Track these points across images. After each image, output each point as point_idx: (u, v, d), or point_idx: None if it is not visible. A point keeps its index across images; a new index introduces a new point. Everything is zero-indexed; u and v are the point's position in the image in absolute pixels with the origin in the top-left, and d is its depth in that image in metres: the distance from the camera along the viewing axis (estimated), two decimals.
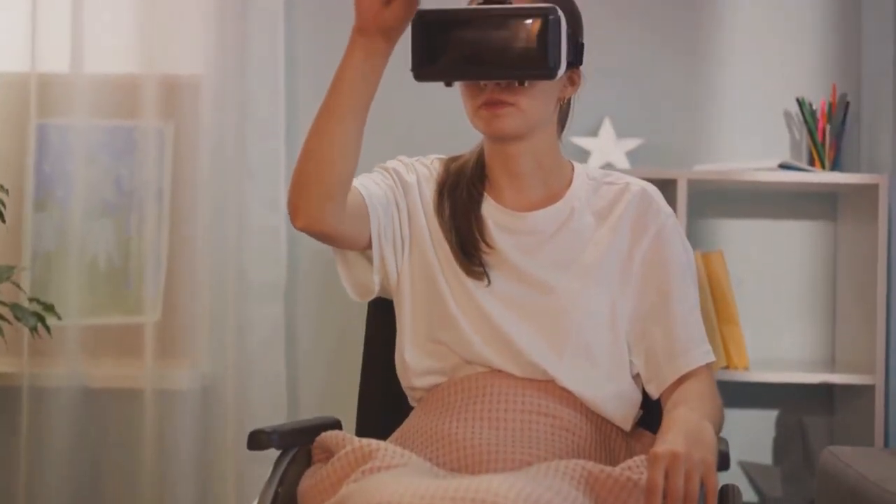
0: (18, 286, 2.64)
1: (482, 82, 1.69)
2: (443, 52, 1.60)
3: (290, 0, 2.98)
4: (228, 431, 2.87)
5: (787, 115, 2.95)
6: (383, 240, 1.79)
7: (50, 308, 2.57)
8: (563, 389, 1.74)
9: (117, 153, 2.99)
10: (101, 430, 2.95)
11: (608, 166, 2.83)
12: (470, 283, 1.78)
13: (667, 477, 1.43)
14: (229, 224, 2.90)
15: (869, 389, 2.65)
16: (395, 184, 1.83)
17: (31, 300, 2.59)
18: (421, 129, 2.87)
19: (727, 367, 2.71)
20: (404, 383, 1.85)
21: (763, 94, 2.95)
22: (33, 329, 2.52)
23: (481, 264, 1.78)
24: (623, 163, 2.83)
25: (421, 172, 1.87)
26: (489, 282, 1.78)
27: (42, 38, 2.95)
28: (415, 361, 1.81)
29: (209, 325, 2.91)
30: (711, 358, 1.80)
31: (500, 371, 1.75)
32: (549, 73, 1.61)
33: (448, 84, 1.67)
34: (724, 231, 2.96)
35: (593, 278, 1.78)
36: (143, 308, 2.93)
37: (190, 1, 2.95)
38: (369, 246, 1.78)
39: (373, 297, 1.85)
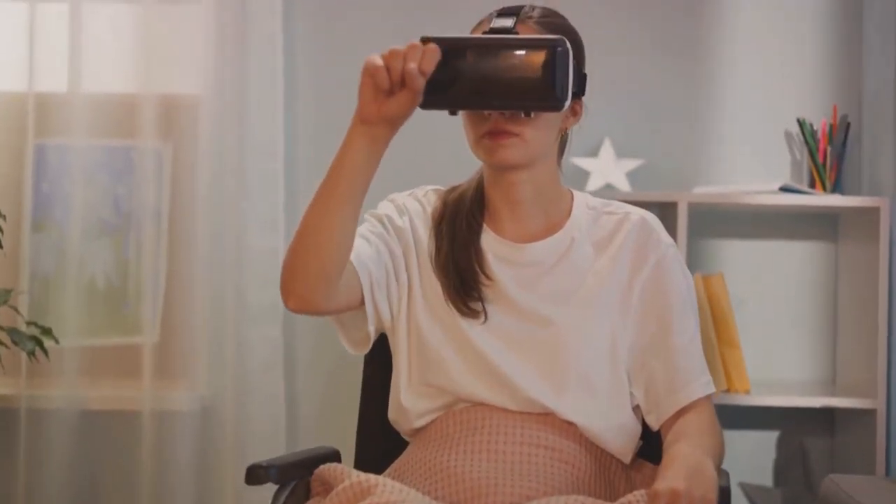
0: (16, 310, 2.63)
1: (486, 112, 1.68)
2: (449, 80, 1.58)
3: (288, 22, 2.96)
4: (227, 453, 2.86)
5: (788, 135, 2.94)
6: (377, 295, 1.77)
7: (48, 332, 2.56)
8: (563, 421, 1.73)
9: (115, 173, 2.98)
10: (99, 452, 2.94)
11: (608, 187, 2.82)
12: (464, 321, 1.77)
13: None
14: (228, 245, 2.89)
15: (870, 413, 2.64)
16: (386, 231, 1.82)
17: (28, 324, 2.58)
18: (421, 155, 2.86)
19: (728, 391, 2.70)
20: (404, 427, 1.84)
21: (764, 114, 2.94)
22: (31, 354, 2.51)
23: (480, 298, 1.77)
24: (623, 183, 2.82)
25: (413, 210, 1.86)
26: (486, 318, 1.76)
27: (40, 58, 2.94)
28: (412, 404, 1.80)
29: (208, 347, 2.90)
30: (711, 389, 1.79)
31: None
32: (557, 105, 1.59)
33: (453, 113, 1.66)
34: (725, 252, 2.95)
35: (593, 310, 1.77)
36: (141, 329, 2.92)
37: (188, 21, 2.94)
38: (363, 304, 1.76)
39: (370, 346, 1.84)
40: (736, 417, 2.88)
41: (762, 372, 2.90)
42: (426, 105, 1.60)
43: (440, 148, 2.71)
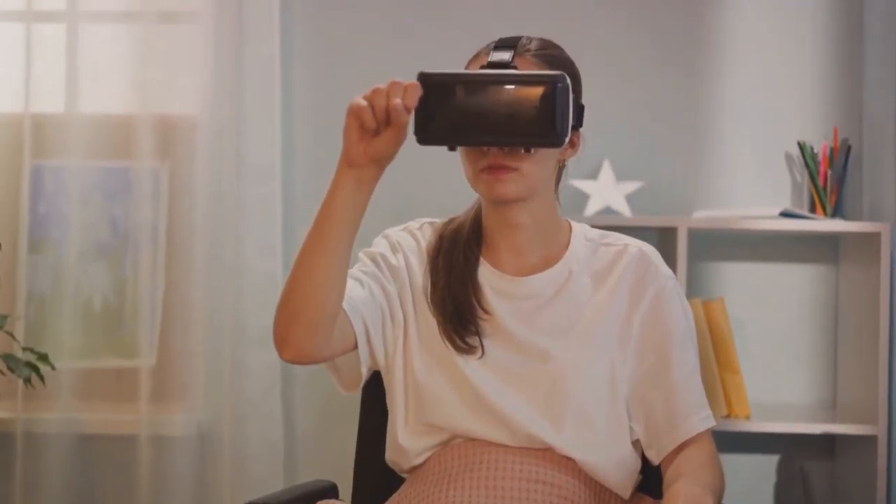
0: (12, 336, 2.62)
1: (485, 147, 1.67)
2: (448, 115, 1.57)
3: (286, 43, 2.95)
4: (224, 479, 2.84)
5: (789, 157, 2.93)
6: (372, 338, 1.76)
7: (44, 357, 2.55)
8: (562, 457, 1.71)
9: (112, 194, 2.97)
10: (96, 477, 2.92)
11: (607, 210, 2.81)
12: (460, 357, 1.75)
13: None
14: (225, 268, 2.87)
15: (871, 440, 2.63)
16: (380, 270, 1.80)
17: (24, 349, 2.56)
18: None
19: (728, 416, 2.69)
20: (403, 466, 1.82)
21: (764, 136, 2.93)
22: (27, 380, 2.50)
23: (477, 332, 1.75)
24: (622, 206, 2.81)
25: (407, 246, 1.84)
26: (483, 352, 1.75)
27: (36, 78, 2.93)
28: (410, 443, 1.78)
29: (205, 370, 2.88)
30: (711, 423, 1.78)
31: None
32: (557, 141, 1.58)
33: (451, 148, 1.65)
34: (725, 275, 2.93)
35: (592, 343, 1.75)
36: (138, 352, 2.90)
37: (185, 41, 2.93)
38: (356, 347, 1.75)
39: (361, 385, 1.82)
40: (736, 441, 2.87)
41: (762, 395, 2.89)
42: (424, 141, 1.58)
43: (436, 180, 2.70)
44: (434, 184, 2.79)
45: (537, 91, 1.56)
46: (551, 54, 1.77)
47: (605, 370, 1.75)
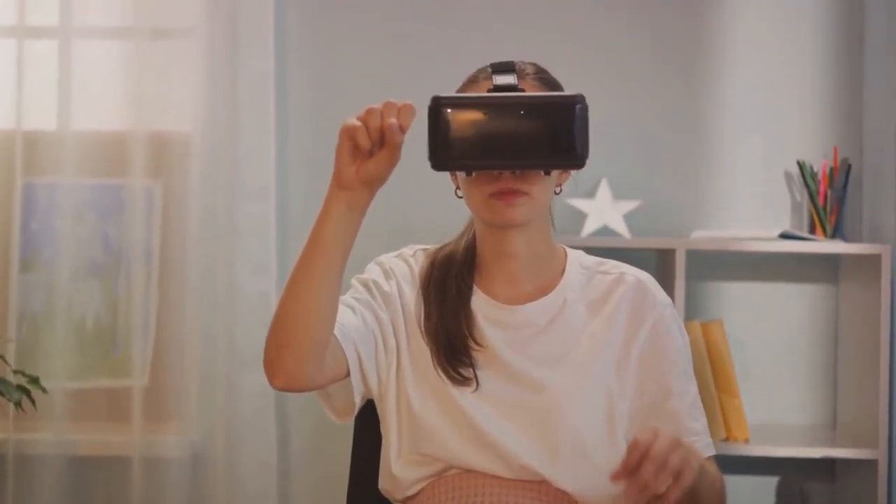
0: (3, 359, 2.59)
1: (496, 171, 1.64)
2: (464, 139, 1.53)
3: (280, 60, 2.93)
4: (219, 500, 2.82)
5: (788, 176, 2.91)
6: (365, 366, 1.73)
7: (35, 381, 2.52)
8: (558, 490, 1.69)
9: (105, 212, 2.94)
10: (88, 500, 2.89)
11: (605, 230, 2.79)
12: (454, 388, 1.73)
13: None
14: (219, 287, 2.85)
15: (871, 464, 2.60)
16: (373, 297, 1.78)
17: (15, 372, 2.54)
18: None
19: (727, 439, 2.67)
20: (396, 495, 1.79)
21: (763, 155, 2.91)
22: (17, 404, 2.47)
23: (470, 364, 1.73)
24: (620, 226, 2.79)
25: (400, 272, 1.82)
26: (477, 384, 1.73)
27: (28, 95, 2.90)
28: (403, 473, 1.76)
29: (198, 391, 2.85)
30: (712, 451, 1.76)
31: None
32: (578, 163, 1.55)
33: (468, 173, 1.63)
34: (723, 295, 2.91)
35: (588, 373, 1.73)
36: (131, 371, 2.87)
37: (179, 58, 2.90)
38: (349, 374, 1.72)
39: (355, 415, 1.80)
40: (735, 463, 2.84)
41: (762, 416, 2.87)
42: (440, 166, 1.55)
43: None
44: (428, 208, 2.76)
45: (557, 112, 1.54)
46: (549, 78, 1.76)
47: (601, 400, 1.72)
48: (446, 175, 1.70)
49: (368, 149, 1.52)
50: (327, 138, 2.85)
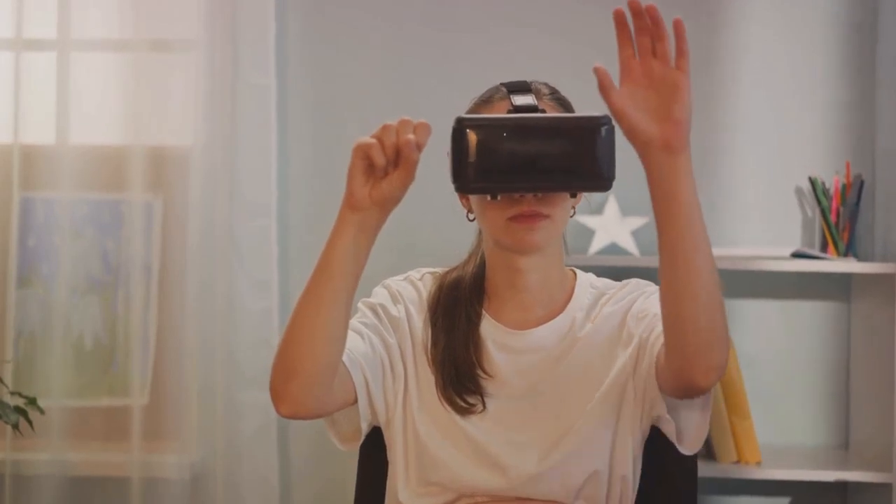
0: (1, 381, 2.55)
1: (517, 194, 1.61)
2: (489, 161, 1.49)
3: (282, 74, 2.88)
4: None
5: (799, 192, 2.86)
6: (373, 393, 1.69)
7: (32, 401, 2.48)
8: None
9: (104, 227, 2.90)
10: None
11: (613, 247, 2.75)
12: (460, 417, 1.70)
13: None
14: (219, 304, 2.80)
15: (885, 488, 2.56)
16: (380, 321, 1.74)
17: (12, 393, 2.50)
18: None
19: (738, 462, 2.63)
20: None
21: (774, 171, 2.87)
22: (15, 426, 2.43)
23: (477, 391, 1.70)
24: (629, 243, 2.75)
25: (408, 296, 1.78)
26: (484, 408, 1.69)
27: (26, 108, 2.86)
28: (411, 502, 1.72)
29: (198, 410, 2.81)
30: None
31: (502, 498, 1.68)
32: (606, 185, 1.53)
33: (493, 197, 1.59)
34: (734, 313, 2.87)
35: (599, 392, 1.69)
36: (130, 390, 2.84)
37: (178, 71, 2.86)
38: (356, 401, 1.69)
39: (361, 441, 1.76)
40: (747, 485, 2.81)
41: (773, 437, 2.82)
42: (465, 189, 1.52)
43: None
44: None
45: (583, 134, 1.51)
46: (563, 98, 1.74)
47: (612, 418, 1.68)
48: (453, 194, 1.65)
49: (383, 166, 1.47)
50: (329, 153, 2.88)
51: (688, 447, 1.70)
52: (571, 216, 1.74)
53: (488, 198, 1.61)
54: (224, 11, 2.81)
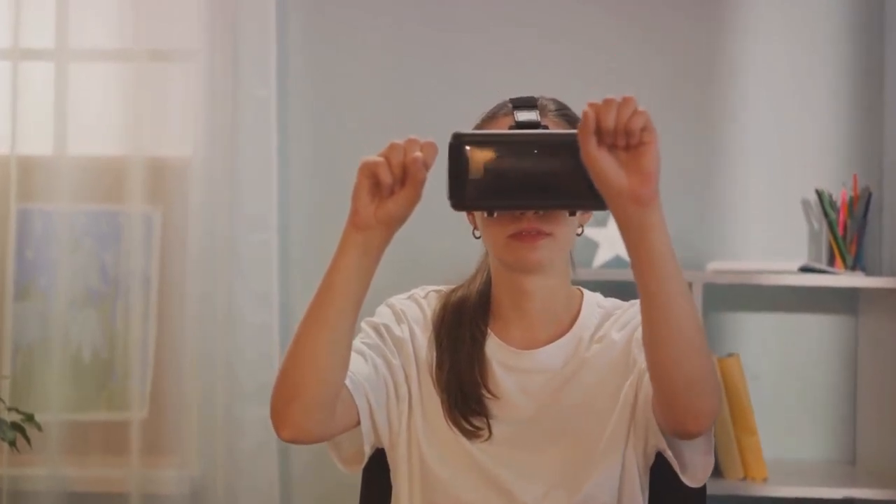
0: None
1: (518, 211, 1.58)
2: (487, 178, 1.46)
3: (282, 85, 2.86)
4: None
5: (806, 205, 2.84)
6: (376, 416, 1.67)
7: (30, 417, 2.45)
8: None
9: (102, 239, 2.88)
10: None
11: (617, 260, 2.73)
12: (466, 439, 1.67)
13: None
14: (219, 317, 2.78)
15: None
16: (384, 342, 1.72)
17: (9, 409, 2.47)
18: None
19: (745, 478, 2.60)
20: None
21: (781, 184, 2.85)
22: (12, 443, 2.40)
23: (483, 414, 1.67)
24: None
25: (412, 316, 1.75)
26: (490, 434, 1.67)
27: (23, 119, 2.84)
28: None
29: (198, 425, 2.79)
30: None
31: None
32: (603, 204, 1.47)
33: (490, 214, 1.57)
34: (740, 326, 2.85)
35: (606, 413, 1.66)
36: (129, 404, 2.81)
37: (178, 81, 2.85)
38: (359, 423, 1.66)
39: (364, 464, 1.73)
40: (753, 502, 2.77)
41: (780, 452, 2.81)
42: (461, 206, 1.48)
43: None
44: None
45: (581, 151, 1.46)
46: (570, 114, 1.72)
47: (621, 439, 1.66)
48: (459, 212, 1.63)
49: (390, 185, 1.44)
50: (330, 165, 2.85)
51: (691, 480, 1.66)
52: (579, 234, 1.72)
53: (485, 215, 1.60)
54: (224, 21, 2.79)
